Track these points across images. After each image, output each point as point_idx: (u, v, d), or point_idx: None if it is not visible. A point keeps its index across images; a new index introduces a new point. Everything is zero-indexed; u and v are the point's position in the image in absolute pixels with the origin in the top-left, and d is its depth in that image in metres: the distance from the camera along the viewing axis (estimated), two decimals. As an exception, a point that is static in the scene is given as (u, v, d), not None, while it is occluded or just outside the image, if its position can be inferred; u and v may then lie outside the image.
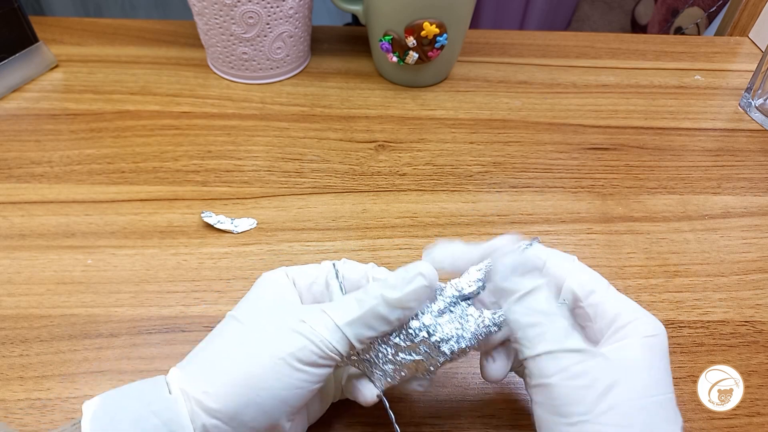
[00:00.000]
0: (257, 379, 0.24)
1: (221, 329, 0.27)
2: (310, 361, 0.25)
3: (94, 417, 0.24)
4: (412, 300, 0.26)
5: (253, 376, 0.24)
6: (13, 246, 0.40)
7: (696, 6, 1.07)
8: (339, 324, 0.25)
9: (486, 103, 0.55)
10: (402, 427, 0.32)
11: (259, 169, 0.47)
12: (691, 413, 0.33)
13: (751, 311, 0.39)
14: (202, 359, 0.26)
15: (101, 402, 0.25)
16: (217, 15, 0.50)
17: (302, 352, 0.24)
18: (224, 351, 0.26)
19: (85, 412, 0.24)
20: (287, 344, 0.25)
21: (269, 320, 0.26)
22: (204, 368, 0.25)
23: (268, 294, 0.28)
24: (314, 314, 0.26)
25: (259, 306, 0.27)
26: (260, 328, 0.26)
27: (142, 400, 0.24)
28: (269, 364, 0.24)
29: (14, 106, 0.51)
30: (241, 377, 0.24)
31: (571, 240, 0.43)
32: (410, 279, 0.26)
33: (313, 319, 0.25)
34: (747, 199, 0.47)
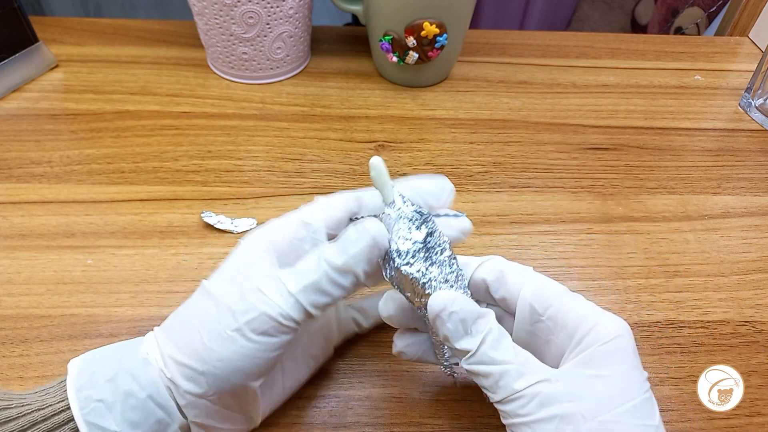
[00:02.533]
0: (213, 352, 0.25)
1: (192, 296, 0.28)
2: (263, 330, 0.25)
3: (78, 375, 0.26)
4: (360, 263, 0.25)
5: (209, 349, 0.25)
6: (13, 246, 0.40)
7: (696, 6, 1.07)
8: (293, 291, 0.25)
9: (486, 103, 0.55)
10: (402, 428, 0.32)
11: (259, 169, 0.47)
12: (691, 413, 0.33)
13: (751, 311, 0.39)
14: (172, 325, 0.27)
15: (84, 360, 0.26)
16: (217, 15, 0.50)
17: (256, 322, 0.25)
18: (189, 321, 0.26)
19: (70, 369, 0.26)
20: (241, 315, 0.25)
21: (230, 289, 0.26)
22: (173, 334, 0.26)
23: (239, 260, 0.27)
24: (272, 282, 0.25)
25: (227, 274, 0.27)
26: (220, 298, 0.26)
27: (120, 360, 0.26)
28: (224, 337, 0.25)
29: (14, 106, 0.51)
30: (199, 349, 0.25)
31: (571, 240, 0.43)
32: (356, 240, 0.25)
33: (270, 287, 0.25)
34: (747, 199, 0.47)
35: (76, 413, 0.24)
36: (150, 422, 0.25)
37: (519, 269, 0.28)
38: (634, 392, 0.24)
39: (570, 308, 0.26)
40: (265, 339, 0.25)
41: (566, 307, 0.26)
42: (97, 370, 0.26)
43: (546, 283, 0.28)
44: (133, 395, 0.25)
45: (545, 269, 0.40)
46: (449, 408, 0.33)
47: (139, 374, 0.25)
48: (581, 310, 0.26)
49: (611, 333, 0.25)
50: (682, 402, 0.34)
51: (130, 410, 0.25)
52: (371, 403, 0.33)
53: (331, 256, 0.25)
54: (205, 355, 0.25)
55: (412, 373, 0.34)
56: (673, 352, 0.36)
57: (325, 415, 0.32)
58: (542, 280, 0.28)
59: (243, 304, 0.25)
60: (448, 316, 0.25)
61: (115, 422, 0.25)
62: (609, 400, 0.24)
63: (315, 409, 0.32)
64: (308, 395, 0.33)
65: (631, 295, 0.39)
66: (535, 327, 0.27)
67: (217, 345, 0.25)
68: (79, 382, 0.25)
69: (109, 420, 0.24)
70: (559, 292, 0.27)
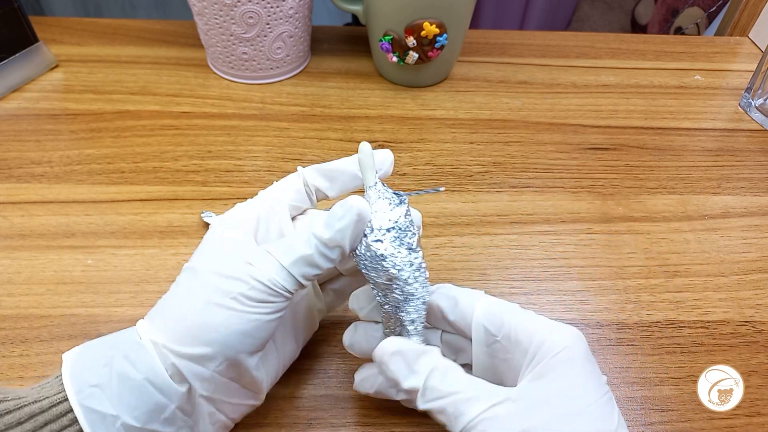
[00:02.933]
0: (211, 320, 0.25)
1: (178, 279, 0.28)
2: (260, 298, 0.26)
3: (73, 364, 0.26)
4: (346, 237, 0.27)
5: (206, 317, 0.26)
6: (13, 246, 0.40)
7: (696, 6, 1.07)
8: (284, 264, 0.26)
9: (486, 103, 0.55)
10: (402, 428, 0.32)
11: (259, 169, 0.47)
12: (691, 413, 0.33)
13: (751, 311, 0.39)
14: (163, 308, 0.27)
15: (78, 351, 0.26)
16: (217, 15, 0.50)
17: (252, 291, 0.26)
18: (180, 298, 0.27)
19: (65, 359, 0.26)
20: (237, 286, 0.26)
21: (218, 265, 0.27)
22: (165, 316, 0.27)
23: (218, 240, 0.28)
24: (260, 256, 0.27)
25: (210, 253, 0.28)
26: (210, 273, 0.27)
27: (114, 347, 0.26)
28: (222, 306, 0.26)
29: (14, 106, 0.51)
30: (196, 319, 0.26)
31: (571, 240, 0.43)
32: (341, 216, 0.27)
33: (259, 260, 0.26)
34: (747, 199, 0.47)
35: (72, 398, 0.24)
36: (148, 405, 0.25)
37: (471, 293, 0.29)
38: (589, 398, 0.25)
39: (521, 325, 0.27)
40: (262, 306, 0.26)
41: (518, 325, 0.27)
42: (92, 357, 0.26)
43: (497, 303, 0.28)
44: (130, 378, 0.25)
45: (545, 269, 0.40)
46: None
47: (134, 357, 0.25)
48: (532, 326, 0.27)
49: (560, 344, 0.26)
50: (682, 402, 0.34)
51: (127, 393, 0.25)
52: (371, 403, 0.33)
53: (319, 231, 0.27)
54: (204, 328, 0.25)
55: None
56: (673, 352, 0.36)
57: (325, 415, 0.32)
58: (493, 301, 0.29)
59: (237, 276, 0.26)
60: (389, 358, 0.27)
61: (112, 405, 0.25)
62: (564, 410, 0.24)
63: (315, 410, 0.32)
64: (308, 395, 0.33)
65: (631, 295, 0.39)
66: (492, 348, 0.28)
67: (216, 314, 0.25)
68: (74, 370, 0.25)
69: (106, 404, 0.24)
70: (510, 310, 0.28)
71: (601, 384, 0.25)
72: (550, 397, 0.25)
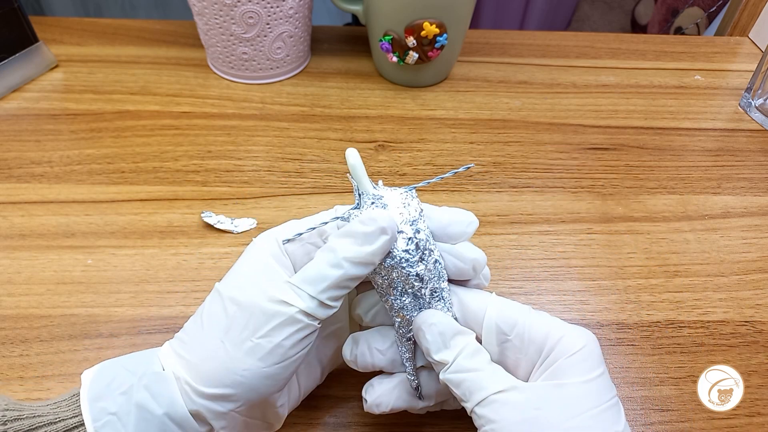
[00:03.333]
0: (240, 362, 0.25)
1: (208, 305, 0.27)
2: (288, 334, 0.25)
3: (91, 385, 0.25)
4: (377, 255, 0.26)
5: (235, 359, 0.25)
6: (13, 246, 0.40)
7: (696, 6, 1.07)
8: (314, 295, 0.25)
9: (486, 103, 0.55)
10: (402, 428, 0.32)
11: (259, 169, 0.47)
12: (691, 413, 0.33)
13: (751, 311, 0.39)
14: (188, 339, 0.26)
15: (98, 371, 0.26)
16: (217, 15, 0.50)
17: (280, 327, 0.25)
18: (206, 331, 0.26)
19: (83, 380, 0.25)
20: (265, 323, 0.25)
21: (248, 297, 0.26)
22: (189, 350, 0.26)
23: (252, 263, 0.27)
24: (286, 290, 0.26)
25: (241, 279, 0.27)
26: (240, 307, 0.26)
27: (135, 373, 0.25)
28: (249, 346, 0.25)
29: (14, 106, 0.51)
30: (224, 362, 0.25)
31: (571, 240, 0.43)
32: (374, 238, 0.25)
33: (289, 293, 0.25)
34: (747, 199, 0.47)
35: (89, 426, 0.24)
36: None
37: (482, 294, 0.29)
38: (600, 399, 0.25)
39: (535, 325, 0.27)
40: (290, 342, 0.25)
41: (532, 324, 0.27)
42: (112, 382, 0.25)
43: (510, 303, 0.28)
44: (149, 410, 0.24)
45: (545, 269, 0.40)
46: (449, 408, 0.33)
47: (155, 389, 0.25)
48: (547, 326, 0.27)
49: (577, 345, 0.26)
50: (682, 402, 0.34)
51: (144, 426, 0.24)
52: (371, 403, 0.33)
53: (350, 253, 0.26)
54: (231, 368, 0.25)
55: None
56: (673, 352, 0.36)
57: (325, 415, 0.32)
58: (506, 302, 0.28)
59: (265, 312, 0.25)
60: (428, 327, 0.27)
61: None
62: (574, 408, 0.24)
63: (315, 409, 0.32)
64: (308, 395, 0.33)
65: (631, 295, 0.39)
66: (503, 347, 0.28)
67: (243, 355, 0.25)
68: (92, 394, 0.25)
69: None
70: (523, 310, 0.28)
71: (610, 387, 0.26)
72: (562, 395, 0.25)
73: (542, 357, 0.26)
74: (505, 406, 0.25)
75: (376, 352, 0.29)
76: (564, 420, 0.24)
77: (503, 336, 0.27)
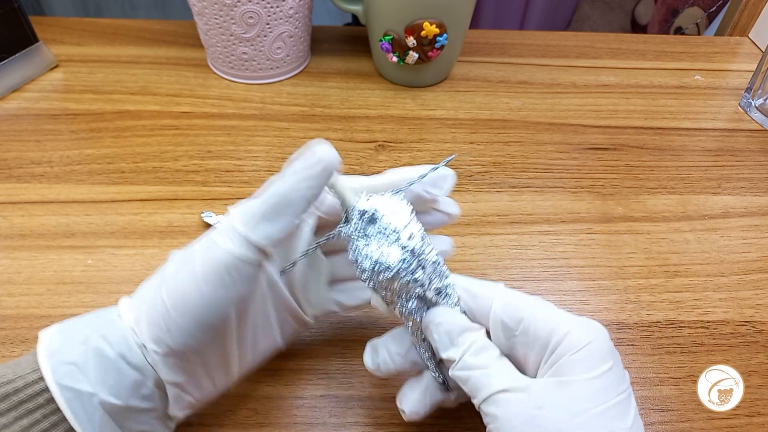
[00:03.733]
0: (175, 305, 0.25)
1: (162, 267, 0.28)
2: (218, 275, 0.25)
3: (50, 343, 0.25)
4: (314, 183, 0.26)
5: (171, 302, 0.25)
6: (13, 246, 0.40)
7: (696, 6, 1.07)
8: (241, 231, 0.25)
9: (486, 103, 0.55)
10: (402, 428, 0.32)
11: (259, 169, 0.47)
12: (691, 413, 0.33)
13: (751, 311, 0.39)
14: (141, 289, 0.27)
15: (56, 329, 0.26)
16: (217, 15, 0.50)
17: (209, 266, 0.25)
18: (154, 282, 0.27)
19: (41, 338, 0.26)
20: (198, 261, 0.25)
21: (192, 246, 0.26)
22: (141, 298, 0.27)
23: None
24: (224, 229, 0.26)
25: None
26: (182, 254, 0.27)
27: (92, 326, 0.26)
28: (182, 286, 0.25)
29: (14, 106, 0.51)
30: (162, 306, 0.25)
31: (571, 240, 0.43)
32: (310, 165, 0.25)
33: (221, 233, 0.26)
34: (747, 199, 0.47)
35: (48, 377, 0.24)
36: (125, 382, 0.25)
37: (490, 286, 0.29)
38: (606, 397, 0.24)
39: (541, 319, 0.26)
40: (222, 280, 0.25)
41: (537, 319, 0.26)
42: (70, 335, 0.26)
43: (516, 297, 0.28)
44: (105, 355, 0.25)
45: (545, 269, 0.40)
46: (450, 408, 0.33)
47: (109, 334, 0.25)
48: (553, 320, 0.26)
49: (582, 341, 0.25)
50: (682, 402, 0.34)
51: (103, 371, 0.25)
52: (371, 403, 0.33)
53: (279, 183, 0.26)
54: (168, 311, 0.25)
55: (412, 373, 0.34)
56: (673, 352, 0.36)
57: (325, 415, 0.32)
58: (512, 295, 0.28)
59: (197, 252, 0.26)
60: (435, 327, 0.27)
61: (90, 384, 0.24)
62: (577, 407, 0.24)
63: (315, 409, 0.32)
64: (308, 395, 0.33)
65: (631, 295, 0.39)
66: (511, 342, 0.27)
67: (177, 296, 0.25)
68: (50, 348, 0.25)
69: (83, 382, 0.24)
70: (530, 304, 0.27)
71: (620, 382, 0.25)
72: (565, 396, 0.24)
73: (548, 353, 0.26)
74: (508, 404, 0.25)
75: (398, 357, 0.29)
76: (567, 419, 0.24)
77: (510, 332, 0.27)
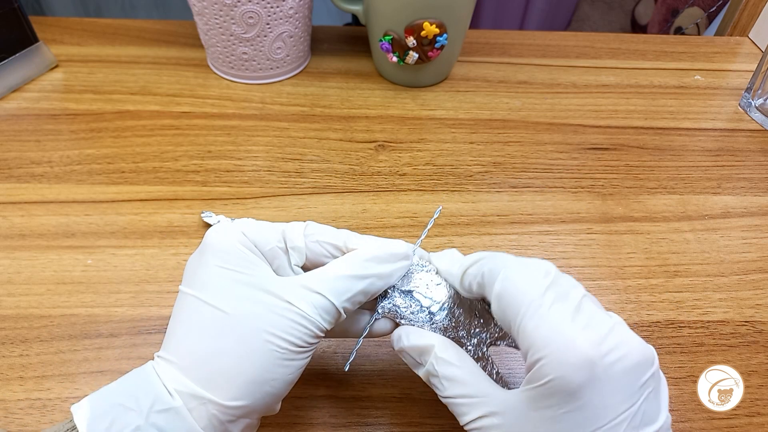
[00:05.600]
0: (269, 372, 0.24)
1: (194, 316, 0.25)
2: (305, 344, 0.25)
3: (89, 426, 0.23)
4: (395, 276, 0.28)
5: (264, 370, 0.24)
6: (13, 246, 0.40)
7: (696, 6, 1.07)
8: (336, 303, 0.26)
9: (486, 103, 0.55)
10: (402, 428, 0.32)
11: (259, 169, 0.47)
12: (691, 413, 0.33)
13: (751, 311, 0.39)
14: (198, 355, 0.24)
15: (91, 410, 0.23)
16: (217, 15, 0.50)
17: (301, 338, 0.25)
18: (219, 343, 0.24)
19: (78, 422, 0.23)
20: (286, 332, 0.24)
21: (247, 297, 0.25)
22: (208, 366, 0.24)
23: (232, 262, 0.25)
24: (302, 295, 0.25)
25: (224, 281, 0.25)
26: (244, 311, 0.24)
27: (137, 408, 0.23)
28: (275, 356, 0.24)
29: (14, 106, 0.51)
30: (254, 374, 0.24)
31: (571, 240, 0.43)
32: (397, 259, 0.28)
33: (303, 301, 0.25)
34: (747, 199, 0.47)
35: None
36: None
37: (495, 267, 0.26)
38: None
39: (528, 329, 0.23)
40: (307, 349, 0.26)
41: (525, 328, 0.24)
42: (111, 425, 0.23)
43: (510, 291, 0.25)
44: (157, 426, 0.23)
45: (545, 269, 0.40)
46: (449, 408, 0.33)
47: (169, 427, 0.23)
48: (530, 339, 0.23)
49: (549, 374, 0.22)
50: (682, 402, 0.34)
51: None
52: (371, 403, 0.33)
53: (379, 269, 0.27)
54: (260, 380, 0.24)
55: (412, 373, 0.34)
56: (673, 352, 0.36)
57: (325, 415, 0.32)
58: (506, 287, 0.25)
59: (280, 321, 0.24)
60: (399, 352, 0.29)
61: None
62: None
63: (315, 409, 0.32)
64: (308, 395, 0.33)
65: (631, 295, 0.39)
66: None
67: (271, 365, 0.24)
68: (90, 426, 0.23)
69: None
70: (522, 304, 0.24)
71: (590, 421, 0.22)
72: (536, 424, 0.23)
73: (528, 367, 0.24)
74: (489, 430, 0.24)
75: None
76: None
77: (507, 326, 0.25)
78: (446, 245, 0.42)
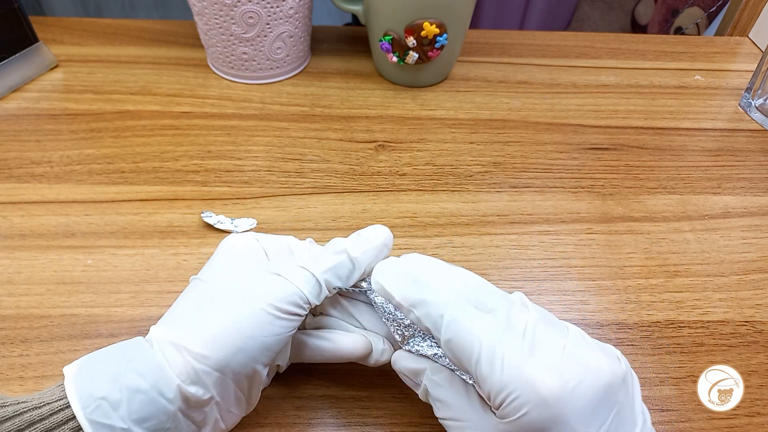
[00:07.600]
0: (244, 328, 0.26)
1: (193, 292, 0.29)
2: (289, 310, 0.27)
3: (77, 377, 0.25)
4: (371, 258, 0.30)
5: (239, 325, 0.26)
6: (13, 246, 0.40)
7: (696, 6, 1.07)
8: (316, 274, 0.28)
9: (486, 103, 0.55)
10: (402, 428, 0.32)
11: (259, 169, 0.47)
12: (691, 413, 0.33)
13: (751, 311, 0.39)
14: (184, 315, 0.28)
15: (80, 364, 0.26)
16: (217, 15, 0.50)
17: (282, 301, 0.27)
18: (205, 305, 0.27)
19: (67, 373, 0.25)
20: (268, 295, 0.27)
21: (245, 275, 0.28)
22: (188, 321, 0.27)
23: (237, 259, 0.29)
24: (289, 268, 0.28)
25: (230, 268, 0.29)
26: (238, 283, 0.28)
27: (121, 360, 0.26)
28: (253, 314, 0.26)
29: (14, 106, 0.51)
30: (229, 326, 0.26)
31: (571, 240, 0.43)
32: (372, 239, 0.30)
33: (289, 272, 0.28)
34: (747, 199, 0.47)
35: (78, 412, 0.24)
36: (159, 415, 0.25)
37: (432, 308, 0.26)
38: None
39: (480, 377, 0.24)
40: (290, 317, 0.27)
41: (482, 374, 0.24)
42: (97, 369, 0.26)
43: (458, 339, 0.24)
44: (138, 389, 0.25)
45: (545, 269, 0.40)
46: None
47: (142, 368, 0.25)
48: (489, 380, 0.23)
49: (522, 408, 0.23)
50: (682, 402, 0.34)
51: (137, 405, 0.24)
52: (371, 403, 0.33)
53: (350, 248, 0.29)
54: (236, 333, 0.26)
55: (412, 373, 0.34)
56: (673, 352, 0.36)
57: (325, 415, 0.32)
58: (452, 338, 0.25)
59: (266, 285, 0.27)
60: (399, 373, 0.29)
61: (122, 419, 0.24)
62: None
63: (315, 409, 0.32)
64: (308, 395, 0.33)
65: (631, 295, 0.39)
66: None
67: (248, 321, 0.26)
68: (78, 382, 0.25)
69: (115, 418, 0.24)
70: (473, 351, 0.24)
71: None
72: None
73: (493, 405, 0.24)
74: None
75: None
76: None
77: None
78: (446, 245, 0.42)
